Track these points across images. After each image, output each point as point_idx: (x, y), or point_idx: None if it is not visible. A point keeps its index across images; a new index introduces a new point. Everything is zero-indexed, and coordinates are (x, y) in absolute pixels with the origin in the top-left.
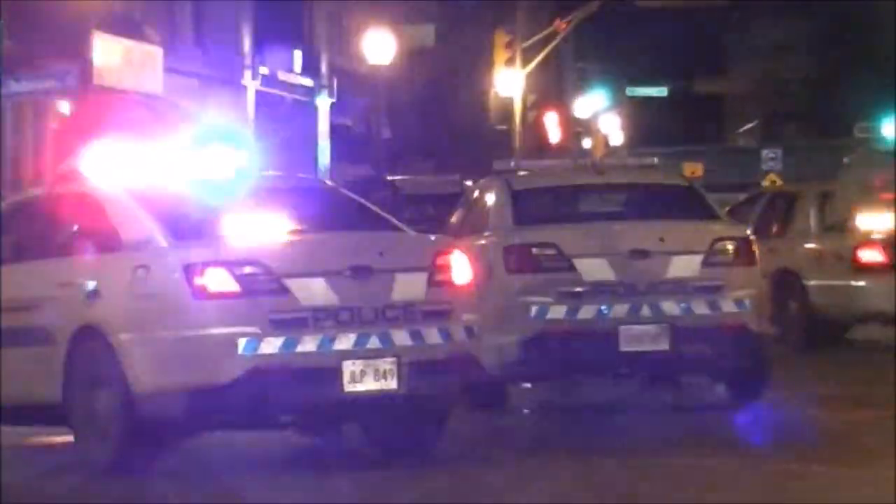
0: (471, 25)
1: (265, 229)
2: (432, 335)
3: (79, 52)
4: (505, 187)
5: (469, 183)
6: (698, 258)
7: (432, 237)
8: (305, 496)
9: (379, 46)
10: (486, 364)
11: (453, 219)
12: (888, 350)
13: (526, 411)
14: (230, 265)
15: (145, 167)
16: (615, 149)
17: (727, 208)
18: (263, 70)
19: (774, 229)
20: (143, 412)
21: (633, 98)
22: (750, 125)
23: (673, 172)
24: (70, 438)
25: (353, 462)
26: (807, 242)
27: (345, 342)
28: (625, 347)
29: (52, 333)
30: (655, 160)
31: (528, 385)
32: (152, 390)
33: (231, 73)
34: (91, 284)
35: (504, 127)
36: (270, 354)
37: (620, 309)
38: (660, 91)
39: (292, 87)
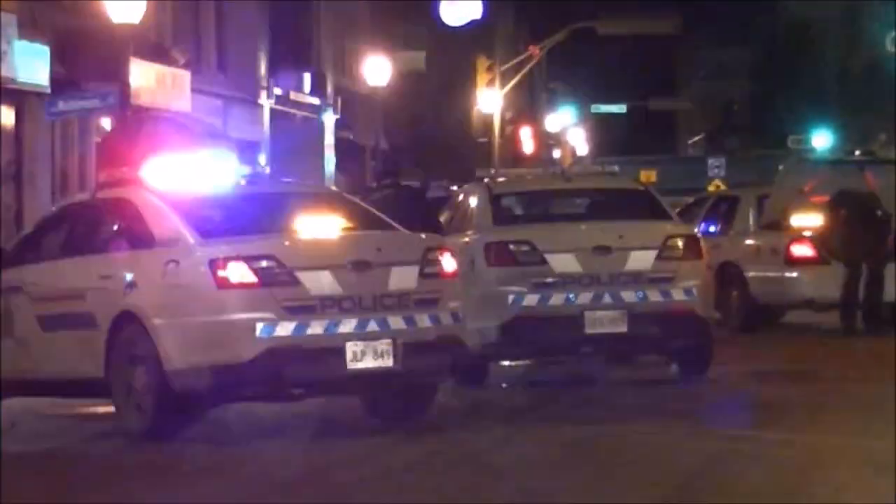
0: (456, 51)
1: (278, 229)
2: (423, 320)
3: (118, 76)
4: (486, 191)
5: (455, 188)
6: (652, 253)
7: (423, 235)
8: (312, 457)
9: (377, 70)
10: (469, 345)
11: (441, 219)
12: (816, 333)
13: (504, 386)
14: (249, 260)
15: (182, 175)
16: (581, 158)
17: (678, 210)
18: (277, 91)
19: (718, 227)
20: (174, 386)
21: (596, 114)
22: (697, 137)
23: (631, 179)
24: (111, 409)
25: (355, 430)
26: (746, 239)
27: (347, 326)
28: (589, 330)
29: (95, 318)
30: (616, 168)
31: (506, 363)
32: (182, 367)
33: (249, 93)
34: (129, 276)
35: (485, 139)
36: (284, 336)
37: (585, 297)
38: (619, 108)
39: (302, 105)
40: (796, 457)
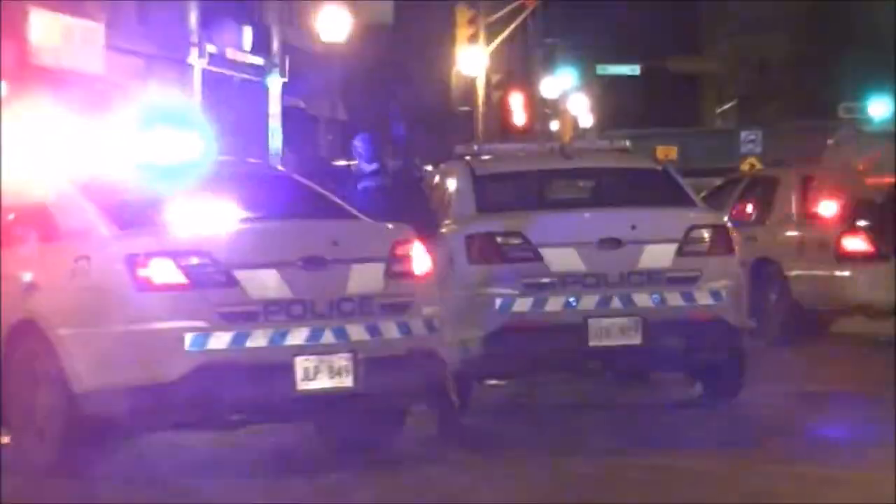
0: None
1: (213, 217)
2: (390, 329)
3: (15, 30)
4: (467, 172)
5: (429, 168)
6: (672, 247)
7: (390, 225)
8: (255, 498)
9: (333, 23)
10: (447, 360)
11: None
12: (872, 344)
13: (489, 410)
14: (175, 255)
15: (87, 152)
16: (584, 131)
17: (703, 194)
18: (211, 48)
19: (753, 216)
20: (84, 411)
21: (603, 77)
22: (727, 106)
23: (645, 156)
24: (5, 439)
25: (306, 462)
26: (788, 230)
27: (297, 337)
28: (594, 342)
29: None
30: (627, 143)
31: (493, 382)
32: (93, 388)
33: (176, 51)
34: (28, 276)
35: (467, 108)
36: (219, 350)
37: (590, 301)
38: (632, 70)
39: (241, 66)
40: (847, 498)
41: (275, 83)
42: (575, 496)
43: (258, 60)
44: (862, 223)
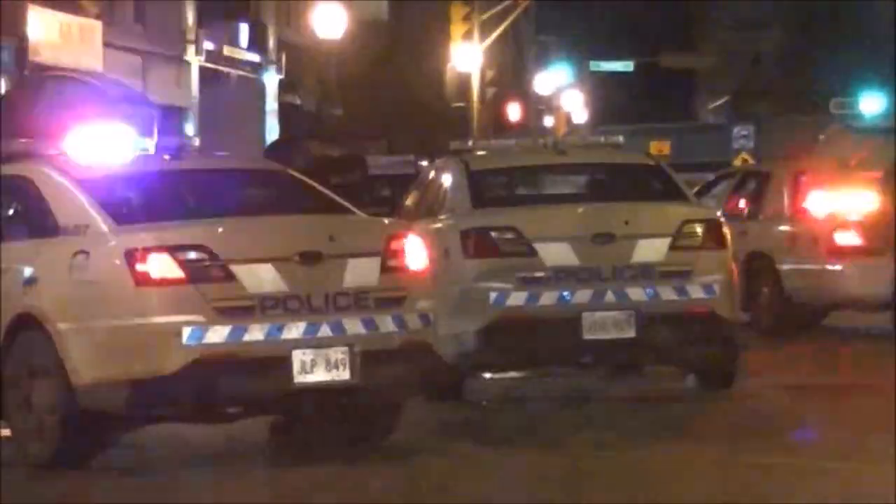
0: None
1: (210, 213)
2: (386, 323)
3: (14, 28)
4: (462, 168)
5: (424, 163)
6: (665, 241)
7: (385, 220)
8: (252, 490)
9: (329, 19)
10: (442, 353)
11: (408, 201)
12: (864, 338)
13: (484, 403)
14: (173, 250)
15: (93, 148)
16: (578, 127)
17: (696, 189)
18: (208, 45)
19: (746, 211)
20: (83, 404)
21: (596, 73)
22: (720, 101)
23: (639, 151)
24: (6, 432)
25: (303, 455)
26: (780, 224)
27: (294, 331)
28: (588, 335)
29: None
30: (621, 139)
31: (487, 375)
32: (92, 382)
33: (173, 48)
34: (28, 271)
35: (461, 104)
36: (216, 344)
37: (583, 295)
38: (625, 66)
39: (238, 63)
40: (839, 489)
41: (271, 80)
42: (567, 487)
43: (254, 57)
44: (853, 217)
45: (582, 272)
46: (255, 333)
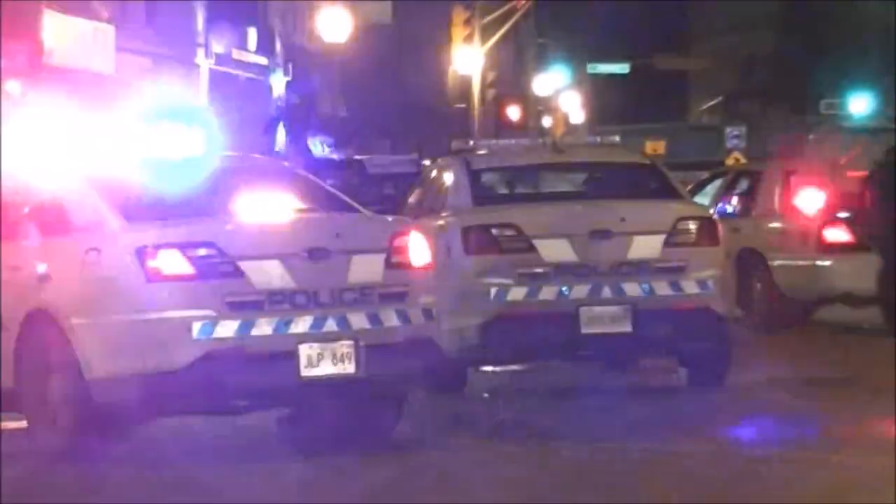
0: (428, 1)
1: (219, 211)
2: (390, 318)
3: (29, 31)
4: (463, 167)
5: (427, 162)
6: (660, 238)
7: (389, 218)
8: (260, 481)
9: (334, 23)
10: (444, 347)
11: (411, 199)
12: (853, 332)
13: (486, 395)
14: (183, 247)
15: (98, 148)
16: (576, 127)
17: (690, 187)
18: (217, 49)
19: (738, 208)
20: (96, 398)
21: (593, 75)
22: (713, 102)
23: (635, 151)
24: (23, 425)
25: (309, 447)
26: (771, 221)
27: (301, 325)
28: (586, 329)
29: (2, 318)
30: (617, 138)
31: (488, 368)
32: (104, 375)
33: (184, 51)
34: (42, 268)
35: (463, 105)
36: (225, 338)
37: (581, 290)
38: (621, 68)
39: (246, 66)
40: (830, 480)
41: (278, 81)
42: (564, 479)
43: (262, 60)
44: (842, 214)
45: (580, 268)
46: (263, 328)
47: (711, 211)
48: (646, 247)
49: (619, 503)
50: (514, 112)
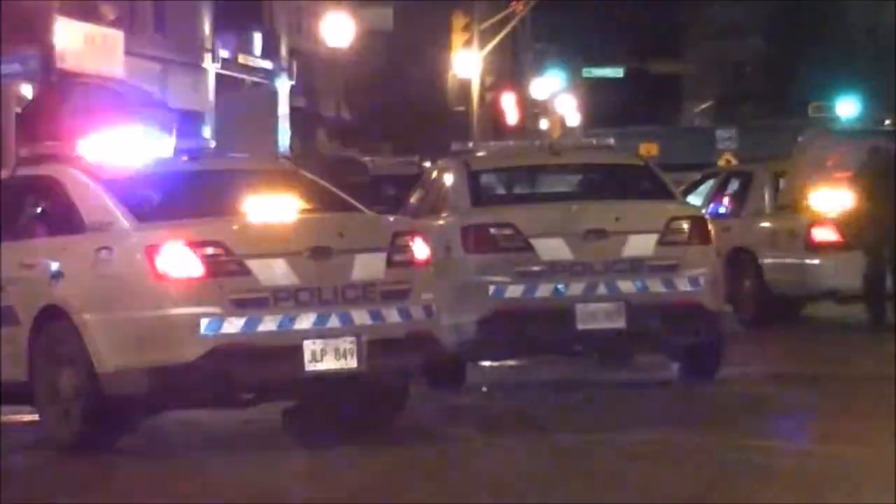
0: (428, 7)
1: (226, 211)
2: (391, 314)
3: (41, 37)
4: (463, 168)
5: (427, 164)
6: (654, 237)
7: (391, 218)
8: (264, 472)
9: (338, 29)
10: (444, 342)
11: (412, 199)
12: (841, 328)
13: (484, 389)
14: (192, 246)
15: (116, 150)
16: (571, 129)
17: (682, 188)
18: (223, 53)
19: (729, 208)
20: (106, 391)
21: (589, 79)
22: (705, 105)
23: (629, 153)
24: (35, 417)
25: (313, 439)
26: (761, 221)
27: (305, 322)
28: (581, 325)
29: (16, 313)
30: (612, 141)
31: (486, 363)
32: (115, 369)
33: (191, 55)
34: (54, 265)
35: (462, 108)
36: (232, 334)
37: (577, 287)
38: (616, 72)
39: (252, 70)
40: (817, 470)
41: (283, 85)
42: (560, 469)
43: (267, 64)
44: (830, 214)
45: (575, 266)
46: (269, 324)
47: (703, 211)
48: (639, 245)
49: (613, 493)
50: (511, 115)
